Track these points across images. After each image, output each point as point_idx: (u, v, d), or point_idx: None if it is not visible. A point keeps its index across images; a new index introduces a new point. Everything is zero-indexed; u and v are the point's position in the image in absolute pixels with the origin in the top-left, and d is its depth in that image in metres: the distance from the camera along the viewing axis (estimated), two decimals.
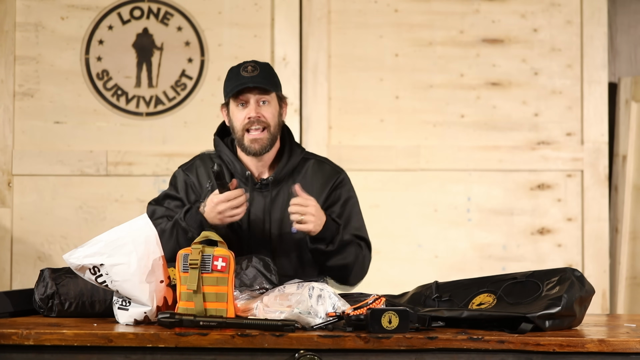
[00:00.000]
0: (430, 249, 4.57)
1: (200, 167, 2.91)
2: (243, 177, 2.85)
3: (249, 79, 2.80)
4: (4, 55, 4.53)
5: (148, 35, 4.59)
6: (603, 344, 2.23)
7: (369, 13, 4.61)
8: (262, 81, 2.81)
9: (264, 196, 2.85)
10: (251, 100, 2.81)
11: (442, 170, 4.58)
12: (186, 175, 2.91)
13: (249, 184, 2.85)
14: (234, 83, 2.82)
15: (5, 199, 4.52)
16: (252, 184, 2.85)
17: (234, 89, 2.80)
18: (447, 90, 4.61)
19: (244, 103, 2.81)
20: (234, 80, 2.82)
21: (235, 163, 2.86)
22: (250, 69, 2.81)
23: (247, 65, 2.83)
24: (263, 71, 2.83)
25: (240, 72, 2.82)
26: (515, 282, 2.51)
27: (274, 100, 2.84)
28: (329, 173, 2.93)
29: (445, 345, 2.25)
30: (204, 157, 2.94)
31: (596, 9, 4.60)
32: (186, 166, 2.94)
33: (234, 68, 2.86)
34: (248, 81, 2.79)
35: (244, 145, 2.82)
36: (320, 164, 2.94)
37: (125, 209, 4.50)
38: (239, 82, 2.81)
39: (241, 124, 2.81)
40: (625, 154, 4.63)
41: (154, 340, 2.26)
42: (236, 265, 2.61)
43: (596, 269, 4.55)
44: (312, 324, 2.32)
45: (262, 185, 2.85)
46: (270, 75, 2.85)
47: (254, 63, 2.84)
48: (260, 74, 2.81)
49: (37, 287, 2.61)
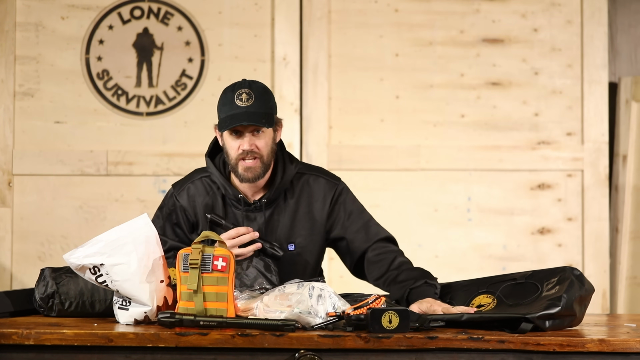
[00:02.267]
0: (431, 249, 4.57)
1: (192, 191, 2.86)
2: (235, 199, 2.82)
3: (244, 111, 2.72)
4: (4, 55, 4.53)
5: (148, 35, 4.59)
6: (603, 344, 2.23)
7: (369, 13, 4.61)
8: (256, 115, 2.72)
9: (259, 217, 2.82)
10: (246, 132, 2.74)
11: (442, 170, 4.58)
12: (176, 200, 2.87)
13: (242, 205, 2.82)
14: (227, 112, 2.74)
15: (5, 198, 4.52)
16: (246, 206, 2.82)
17: (228, 122, 2.73)
18: (447, 90, 4.61)
19: (237, 132, 2.75)
20: (228, 108, 2.74)
21: (227, 187, 2.82)
22: (245, 97, 2.73)
23: (242, 92, 2.74)
24: (258, 100, 2.74)
25: (234, 100, 2.73)
26: (514, 283, 2.51)
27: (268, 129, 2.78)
28: (325, 188, 2.87)
29: (446, 345, 2.25)
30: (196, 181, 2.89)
31: (596, 9, 4.60)
32: (177, 189, 2.89)
33: (228, 92, 2.77)
34: (243, 116, 2.71)
35: (237, 172, 2.77)
36: (315, 179, 2.89)
37: (126, 209, 4.50)
38: (233, 112, 2.73)
39: (235, 153, 2.76)
40: (626, 154, 4.63)
41: (154, 340, 2.26)
42: (237, 265, 2.61)
43: (596, 269, 4.55)
44: (312, 323, 2.32)
45: (256, 207, 2.82)
46: (265, 103, 2.76)
47: (249, 90, 2.74)
48: (255, 103, 2.73)
49: (38, 286, 2.61)
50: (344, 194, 2.89)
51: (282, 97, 4.53)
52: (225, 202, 2.83)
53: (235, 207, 2.82)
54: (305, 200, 2.84)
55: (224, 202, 2.83)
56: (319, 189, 2.87)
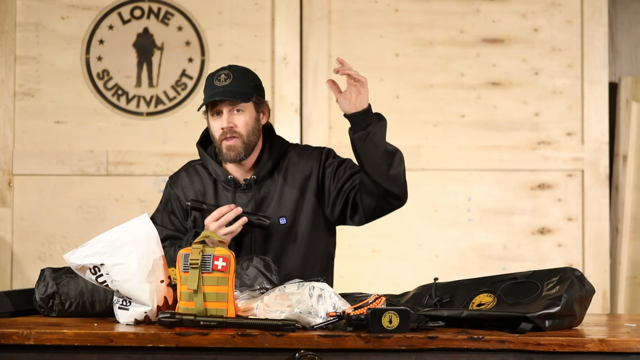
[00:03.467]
0: (431, 249, 4.57)
1: (184, 179, 2.97)
2: (226, 181, 2.91)
3: (220, 89, 2.81)
4: (5, 55, 4.53)
5: (148, 35, 4.59)
6: (603, 344, 2.23)
7: (370, 13, 4.61)
8: (232, 92, 2.80)
9: (249, 197, 2.90)
10: (224, 110, 2.83)
11: (442, 170, 4.58)
12: (170, 188, 2.98)
13: (232, 186, 2.90)
14: (207, 93, 2.84)
15: (5, 198, 4.52)
16: (235, 186, 2.90)
17: (205, 100, 2.83)
18: (447, 90, 4.61)
19: (219, 112, 2.85)
20: (208, 89, 2.84)
21: (218, 170, 2.92)
22: (223, 78, 2.83)
23: (221, 73, 2.84)
24: (236, 79, 2.83)
25: (214, 81, 2.83)
26: (515, 282, 2.51)
27: (249, 108, 2.85)
28: (313, 155, 2.95)
29: (446, 345, 2.25)
30: (189, 169, 2.99)
31: (596, 9, 4.60)
32: (172, 179, 3.01)
33: (210, 76, 2.87)
34: (219, 92, 2.81)
35: (222, 152, 2.87)
36: (301, 151, 2.97)
37: (126, 209, 4.50)
38: (211, 92, 2.82)
39: (217, 133, 2.86)
40: (626, 154, 4.63)
41: (154, 340, 2.26)
42: (237, 265, 2.62)
43: (596, 269, 4.55)
44: (312, 323, 2.32)
45: (245, 187, 2.90)
46: (243, 82, 2.84)
47: (228, 70, 2.84)
48: (233, 82, 2.82)
49: (38, 286, 2.61)
50: (332, 153, 2.98)
51: (282, 97, 4.53)
52: (217, 187, 2.93)
53: (226, 189, 2.91)
54: (292, 173, 2.92)
55: (216, 187, 2.93)
56: (306, 159, 2.95)
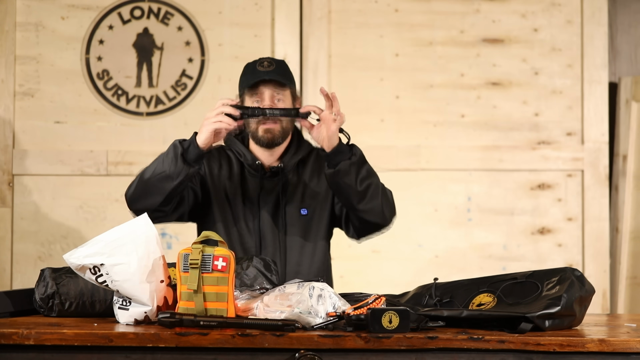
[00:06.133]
0: (431, 249, 4.57)
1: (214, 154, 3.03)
2: (253, 166, 2.96)
3: (265, 73, 2.89)
4: (4, 55, 4.53)
5: (148, 35, 4.59)
6: (603, 344, 2.23)
7: (369, 13, 4.61)
8: (277, 76, 2.90)
9: (274, 183, 2.96)
10: (266, 94, 2.89)
11: (442, 170, 4.58)
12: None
13: (259, 172, 2.96)
14: (249, 77, 2.91)
15: (5, 198, 4.52)
16: (262, 173, 2.96)
17: (249, 81, 2.89)
18: (447, 90, 4.61)
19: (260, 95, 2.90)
20: (250, 75, 2.92)
21: (246, 154, 2.98)
22: (266, 64, 2.91)
23: (264, 60, 2.93)
24: (279, 67, 2.93)
25: (256, 67, 2.91)
26: (514, 282, 2.51)
27: (287, 98, 2.94)
28: None
29: (446, 345, 2.25)
30: (220, 149, 3.05)
31: (596, 9, 4.60)
32: None
33: (250, 64, 2.95)
34: (264, 74, 2.88)
35: (257, 136, 2.92)
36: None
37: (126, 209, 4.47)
38: (255, 75, 2.90)
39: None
40: (626, 154, 4.63)
41: (154, 340, 2.26)
42: (237, 265, 2.62)
43: (596, 269, 4.55)
44: (312, 323, 2.32)
45: (272, 174, 2.96)
46: (285, 71, 2.95)
47: (270, 59, 2.93)
48: (276, 69, 2.91)
49: (38, 286, 2.61)
50: None
51: None
52: (243, 172, 2.99)
53: (252, 175, 2.97)
54: (317, 170, 3.01)
55: (242, 172, 2.98)
56: None
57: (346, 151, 2.81)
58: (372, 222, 2.91)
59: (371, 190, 2.84)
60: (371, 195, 2.84)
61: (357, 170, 2.81)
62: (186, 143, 2.82)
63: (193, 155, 2.80)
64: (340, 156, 2.80)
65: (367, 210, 2.87)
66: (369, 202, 2.85)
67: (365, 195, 2.83)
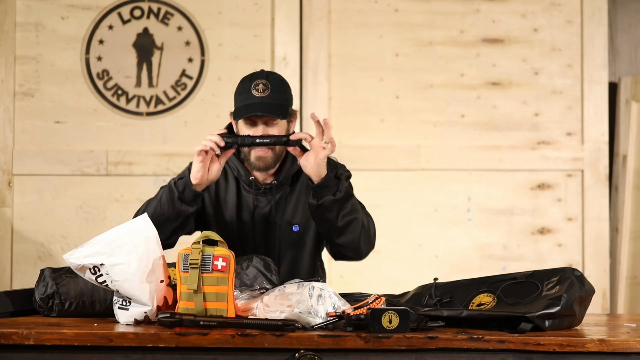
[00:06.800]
0: (431, 249, 4.57)
1: None
2: (247, 182, 2.93)
3: (259, 101, 2.80)
4: (4, 55, 4.53)
5: (148, 35, 4.59)
6: (603, 344, 2.23)
7: (369, 13, 4.61)
8: (271, 106, 2.80)
9: (268, 199, 2.93)
10: (259, 121, 2.83)
11: (442, 170, 4.58)
12: None
13: (253, 188, 2.92)
14: (243, 101, 2.82)
15: (5, 198, 4.52)
16: (256, 189, 2.93)
17: (243, 112, 2.80)
18: (447, 90, 4.61)
19: (253, 122, 2.83)
20: (244, 97, 2.82)
21: (240, 169, 2.93)
22: (261, 88, 2.81)
23: (259, 82, 2.82)
24: (274, 91, 2.82)
25: (251, 89, 2.81)
26: (514, 282, 2.51)
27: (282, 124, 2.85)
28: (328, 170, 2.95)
29: (446, 345, 2.25)
30: None
31: (596, 9, 4.60)
32: None
33: (245, 82, 2.85)
34: (258, 106, 2.79)
35: (249, 160, 2.88)
36: None
37: (126, 209, 4.50)
38: (249, 102, 2.81)
39: None
40: (626, 154, 4.63)
41: (154, 340, 2.26)
42: (237, 265, 2.62)
43: (596, 269, 4.55)
44: (312, 323, 2.32)
45: (265, 190, 2.92)
46: (281, 94, 2.84)
47: (266, 80, 2.82)
48: (271, 94, 2.81)
49: (38, 286, 2.61)
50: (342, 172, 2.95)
51: None
52: (239, 186, 2.95)
53: (246, 190, 2.93)
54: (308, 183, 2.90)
55: (238, 186, 2.95)
56: None
57: (332, 185, 2.78)
58: (347, 255, 2.91)
59: (351, 227, 2.82)
60: (350, 231, 2.83)
61: (340, 206, 2.78)
62: (181, 184, 2.80)
63: (189, 197, 2.79)
64: (326, 190, 2.77)
65: (344, 245, 2.86)
66: (346, 237, 2.83)
67: (344, 232, 2.82)
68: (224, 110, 4.49)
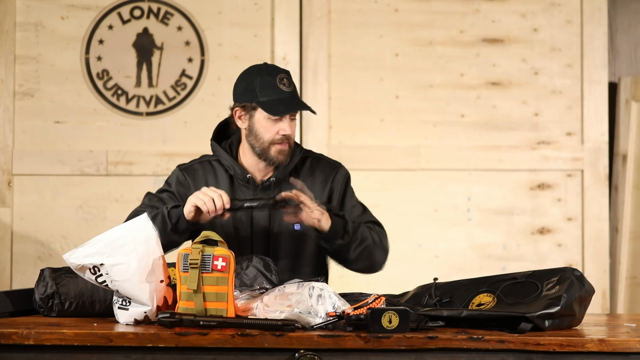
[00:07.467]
0: (430, 249, 4.58)
1: (198, 171, 2.93)
2: (244, 180, 2.88)
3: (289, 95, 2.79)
4: (4, 55, 4.53)
5: (148, 35, 4.59)
6: (603, 344, 2.23)
7: (369, 13, 4.61)
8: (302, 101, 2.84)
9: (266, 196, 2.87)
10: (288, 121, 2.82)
11: (442, 170, 4.58)
12: (182, 175, 2.93)
13: (251, 186, 2.88)
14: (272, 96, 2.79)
15: (5, 198, 4.52)
16: (254, 186, 2.88)
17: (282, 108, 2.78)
18: (447, 90, 4.61)
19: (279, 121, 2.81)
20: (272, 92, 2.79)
21: (235, 167, 2.88)
22: (287, 82, 2.81)
23: (283, 76, 2.81)
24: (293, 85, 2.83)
25: (277, 84, 2.79)
26: (514, 282, 2.51)
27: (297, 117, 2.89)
28: (326, 170, 2.95)
29: (446, 345, 2.25)
30: (204, 161, 2.95)
31: (596, 9, 4.60)
32: (184, 166, 2.96)
33: (264, 75, 2.81)
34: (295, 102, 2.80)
35: (268, 155, 2.83)
36: (317, 161, 2.97)
37: (126, 209, 4.45)
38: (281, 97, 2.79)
39: (271, 136, 2.81)
40: (626, 154, 4.63)
41: (154, 340, 2.26)
42: (236, 265, 2.61)
43: (596, 269, 4.55)
44: (312, 323, 2.32)
45: (264, 187, 2.88)
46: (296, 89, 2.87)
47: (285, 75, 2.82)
48: (295, 89, 2.82)
49: (37, 286, 2.61)
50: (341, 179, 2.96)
51: None
52: (232, 183, 2.88)
53: (244, 187, 2.88)
54: (309, 181, 2.90)
55: (232, 183, 2.88)
56: (321, 172, 2.94)
57: (339, 229, 2.76)
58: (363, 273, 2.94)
59: (364, 254, 2.84)
60: (364, 257, 2.85)
61: (350, 243, 2.80)
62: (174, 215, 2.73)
63: (182, 227, 2.74)
64: (334, 236, 2.77)
65: (361, 270, 2.90)
66: (362, 264, 2.86)
67: (358, 259, 2.84)
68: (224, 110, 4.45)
